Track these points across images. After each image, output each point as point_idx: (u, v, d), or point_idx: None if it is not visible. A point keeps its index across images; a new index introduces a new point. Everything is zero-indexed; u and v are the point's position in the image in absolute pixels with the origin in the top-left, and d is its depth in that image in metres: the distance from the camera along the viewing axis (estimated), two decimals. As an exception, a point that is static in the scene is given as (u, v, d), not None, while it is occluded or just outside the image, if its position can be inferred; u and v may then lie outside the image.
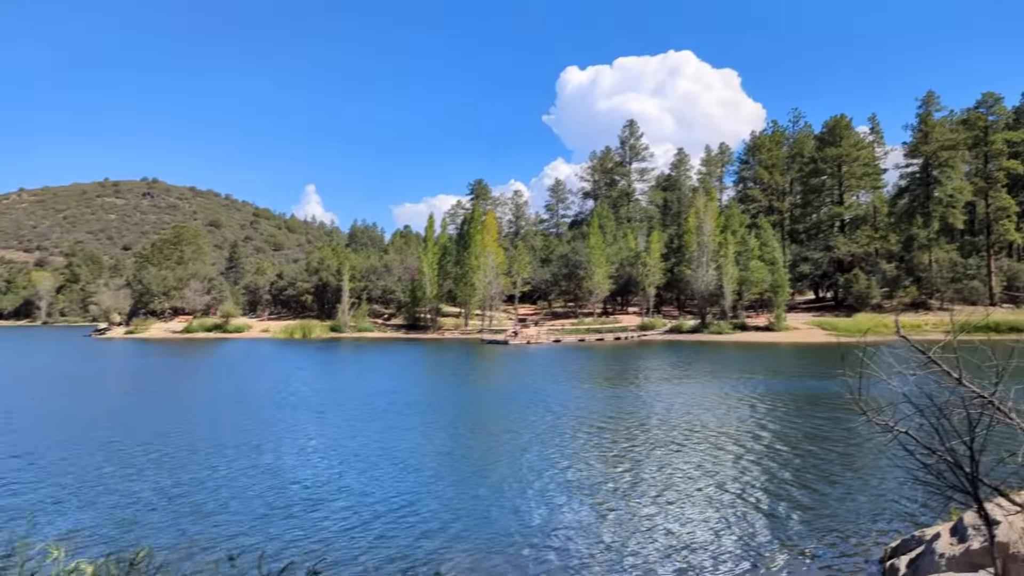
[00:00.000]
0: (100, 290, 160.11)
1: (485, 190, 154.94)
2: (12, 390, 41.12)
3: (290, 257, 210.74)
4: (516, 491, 17.07)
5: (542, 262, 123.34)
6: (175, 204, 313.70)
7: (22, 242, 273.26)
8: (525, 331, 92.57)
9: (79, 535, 12.87)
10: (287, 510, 15.60)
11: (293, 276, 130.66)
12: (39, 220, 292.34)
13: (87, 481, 18.07)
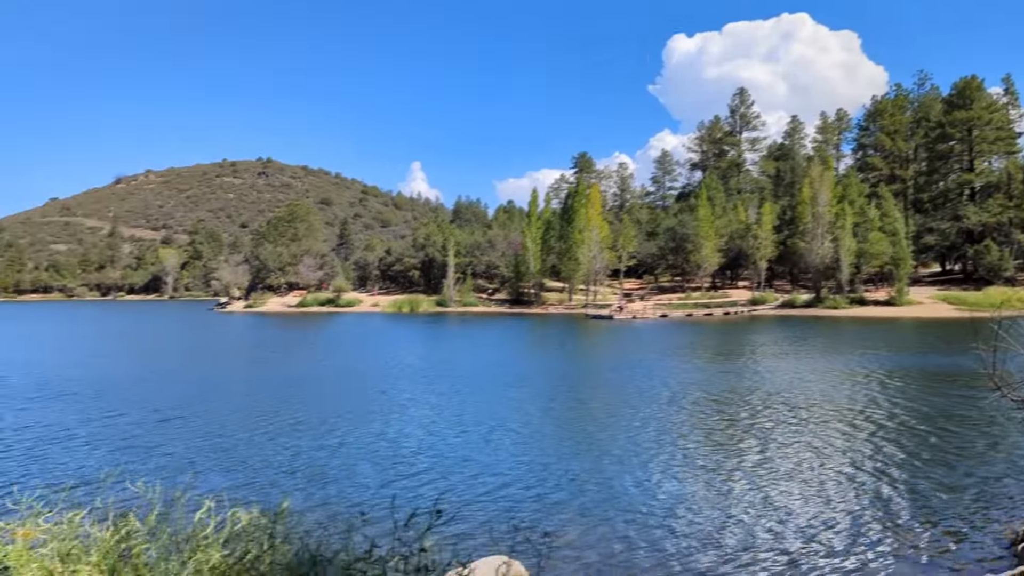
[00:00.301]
0: (220, 266, 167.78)
1: (589, 163, 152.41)
2: (149, 359, 43.16)
3: (397, 233, 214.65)
4: (637, 465, 16.44)
5: (648, 235, 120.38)
6: (288, 183, 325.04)
7: (150, 221, 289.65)
8: (630, 306, 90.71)
9: (223, 493, 12.50)
10: (409, 477, 15.51)
11: (400, 252, 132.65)
12: (165, 200, 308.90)
13: (222, 445, 18.59)
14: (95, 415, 22.73)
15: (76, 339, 60.51)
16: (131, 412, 23.20)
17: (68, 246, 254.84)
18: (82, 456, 17.23)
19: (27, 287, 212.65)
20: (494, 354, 43.51)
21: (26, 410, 23.56)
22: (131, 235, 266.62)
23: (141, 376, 33.41)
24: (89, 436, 19.57)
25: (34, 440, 18.99)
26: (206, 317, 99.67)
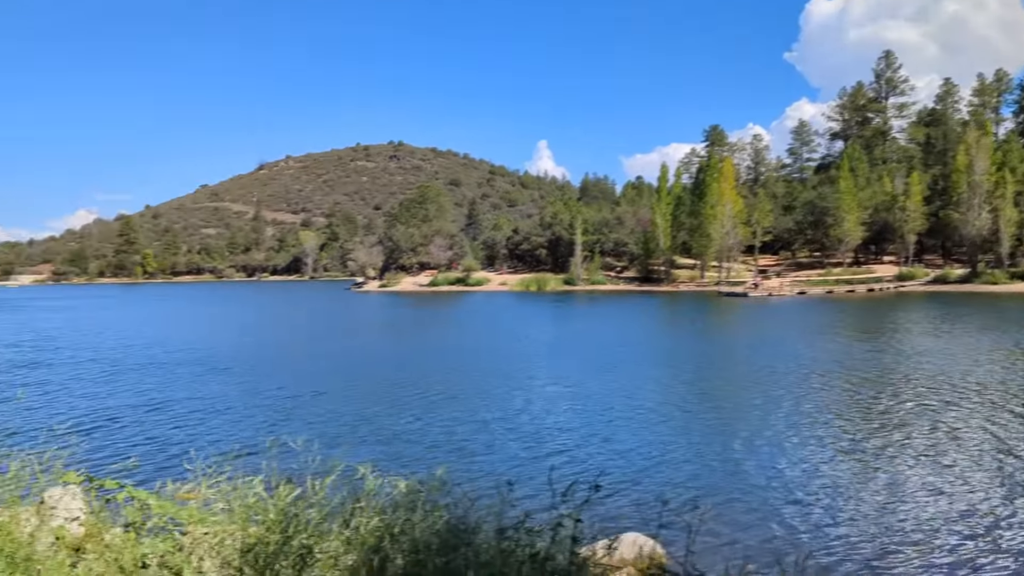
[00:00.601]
0: (356, 247, 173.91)
1: (721, 136, 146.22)
2: (296, 336, 45.12)
3: (524, 212, 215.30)
4: (771, 445, 15.60)
5: (784, 210, 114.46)
6: (419, 165, 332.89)
7: (290, 204, 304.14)
8: (766, 283, 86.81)
9: (374, 464, 12.34)
10: (555, 454, 15.22)
11: (527, 231, 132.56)
12: (304, 184, 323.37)
13: (369, 418, 19.01)
14: (251, 388, 23.89)
15: (229, 318, 63.96)
16: (284, 386, 24.19)
17: (217, 230, 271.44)
18: (241, 426, 18.09)
19: (182, 269, 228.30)
20: (626, 332, 42.78)
21: (191, 384, 24.91)
22: (273, 218, 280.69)
23: (289, 352, 34.95)
24: (246, 408, 20.52)
25: (199, 411, 20.04)
26: (344, 296, 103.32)
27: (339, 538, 3.77)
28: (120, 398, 22.05)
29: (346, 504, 4.14)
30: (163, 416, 19.31)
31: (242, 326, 53.45)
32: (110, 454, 14.60)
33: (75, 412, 19.45)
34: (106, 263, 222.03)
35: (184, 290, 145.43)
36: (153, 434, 17.20)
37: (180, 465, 12.62)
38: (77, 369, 28.37)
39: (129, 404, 20.96)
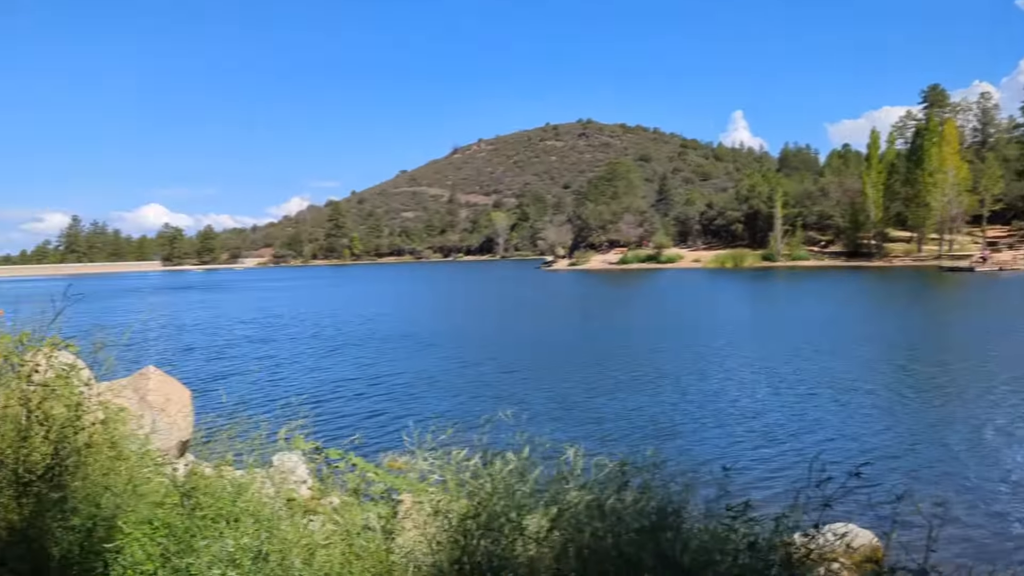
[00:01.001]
0: (546, 226, 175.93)
1: (942, 96, 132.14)
2: (492, 314, 46.48)
3: (718, 186, 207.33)
4: (1007, 440, 13.74)
5: (1017, 175, 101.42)
6: (607, 142, 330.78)
7: (482, 187, 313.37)
8: (996, 256, 77.71)
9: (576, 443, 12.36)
10: (753, 434, 14.54)
11: (722, 205, 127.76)
12: (495, 166, 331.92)
13: (567, 397, 18.93)
14: (455, 364, 24.69)
15: (430, 296, 66.94)
16: (485, 362, 24.80)
17: (415, 213, 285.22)
18: (449, 400, 18.67)
19: (384, 250, 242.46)
20: (835, 311, 39.94)
21: (401, 358, 26.23)
22: (467, 201, 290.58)
23: (487, 329, 35.79)
24: (453, 383, 21.20)
25: (410, 385, 20.97)
26: (534, 275, 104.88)
27: (547, 515, 3.74)
28: (340, 372, 23.54)
29: (552, 481, 4.07)
30: (378, 389, 20.29)
31: (442, 304, 55.78)
32: (333, 426, 15.40)
33: (301, 385, 20.89)
34: (318, 246, 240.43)
35: (387, 270, 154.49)
36: (370, 407, 18.13)
37: (395, 436, 13.08)
38: (302, 344, 30.60)
39: (348, 377, 22.31)
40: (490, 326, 37.56)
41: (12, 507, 3.95)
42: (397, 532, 4.45)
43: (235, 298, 67.86)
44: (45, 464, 3.99)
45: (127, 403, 6.48)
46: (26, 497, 3.92)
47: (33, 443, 4.22)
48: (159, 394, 7.18)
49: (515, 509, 3.69)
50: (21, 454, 4.06)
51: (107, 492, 3.94)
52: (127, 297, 66.99)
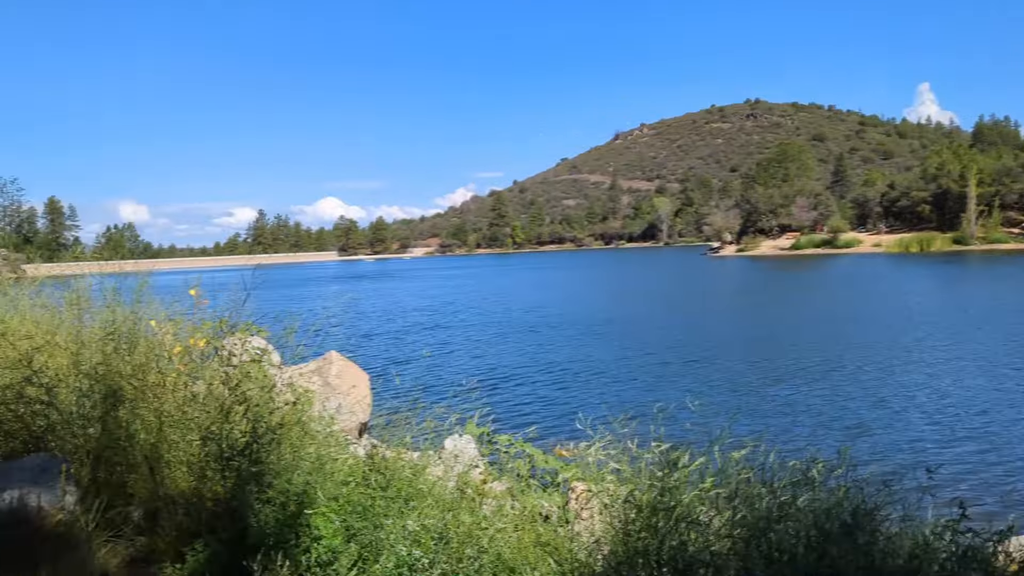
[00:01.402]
0: (711, 212, 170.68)
1: None
2: (659, 302, 45.80)
3: (902, 165, 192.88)
4: None
5: None
6: (778, 122, 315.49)
7: (645, 172, 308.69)
8: None
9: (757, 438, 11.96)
10: (960, 436, 13.40)
11: (906, 185, 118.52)
12: (657, 151, 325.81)
13: (746, 388, 18.37)
14: (623, 352, 24.47)
15: (593, 283, 66.96)
16: (654, 351, 24.38)
17: (576, 201, 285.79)
18: (619, 389, 18.45)
19: (546, 239, 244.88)
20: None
21: (568, 346, 26.34)
22: (629, 187, 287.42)
23: (654, 317, 35.30)
24: (621, 371, 21.03)
25: (579, 372, 20.97)
26: (700, 262, 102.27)
27: (734, 512, 3.59)
28: (510, 358, 24.04)
29: (731, 476, 3.91)
30: (547, 376, 20.46)
31: (608, 292, 55.55)
32: (503, 412, 15.72)
33: (473, 371, 21.50)
34: (482, 235, 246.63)
35: (549, 258, 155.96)
36: (539, 394, 18.33)
37: (564, 424, 13.18)
38: (473, 331, 31.51)
39: (518, 364, 22.71)
40: (658, 314, 36.93)
41: (218, 480, 4.30)
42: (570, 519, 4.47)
43: (407, 286, 70.97)
44: (244, 441, 4.31)
45: (312, 386, 6.92)
46: (228, 471, 4.25)
47: (233, 421, 4.58)
48: (341, 378, 7.60)
49: (700, 503, 3.64)
50: (224, 431, 4.41)
51: (297, 469, 4.20)
52: (308, 286, 71.79)
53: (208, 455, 4.43)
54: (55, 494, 4.15)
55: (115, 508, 4.27)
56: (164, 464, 4.57)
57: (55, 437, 4.89)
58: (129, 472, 4.65)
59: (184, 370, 5.07)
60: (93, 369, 4.89)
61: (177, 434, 4.69)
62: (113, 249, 19.29)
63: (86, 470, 4.47)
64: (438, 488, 4.70)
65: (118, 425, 4.71)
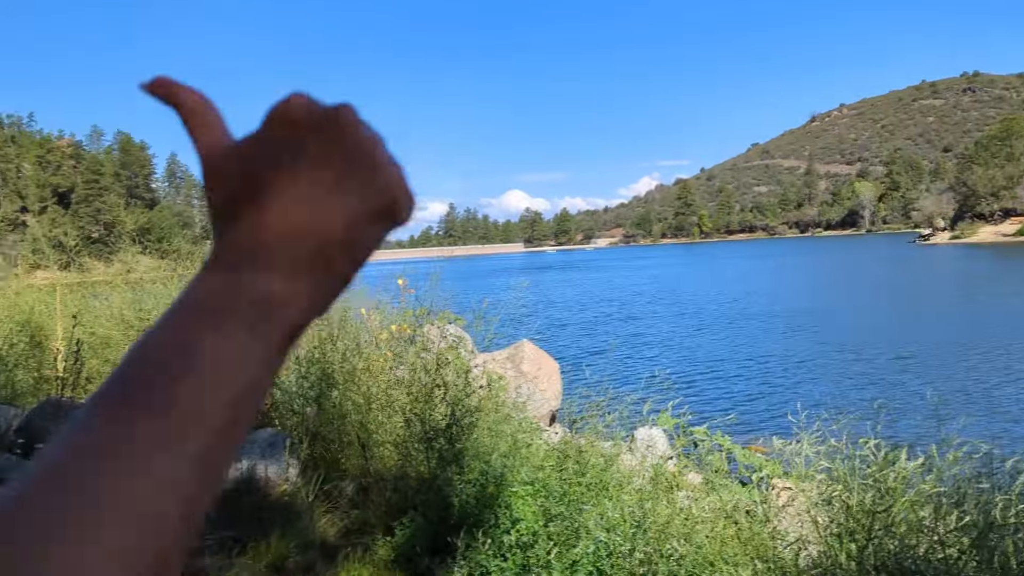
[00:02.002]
0: (921, 196, 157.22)
1: None
2: (867, 292, 42.82)
3: None
4: None
5: None
6: (1001, 96, 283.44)
7: (844, 155, 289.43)
8: None
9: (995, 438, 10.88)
10: None
11: None
12: (859, 132, 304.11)
13: (973, 387, 16.62)
14: (829, 346, 23.13)
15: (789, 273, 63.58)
16: (865, 345, 22.79)
17: (768, 187, 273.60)
18: (824, 385, 17.31)
19: (735, 227, 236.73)
20: None
21: (766, 340, 25.22)
22: (826, 171, 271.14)
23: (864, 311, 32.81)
24: (826, 367, 19.88)
25: (779, 367, 20.03)
26: (909, 251, 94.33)
27: (951, 515, 3.36)
28: (705, 351, 23.20)
29: (958, 479, 3.63)
30: (745, 370, 19.65)
31: (808, 282, 52.45)
32: (696, 404, 15.22)
33: (664, 362, 20.94)
34: (667, 225, 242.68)
35: (740, 248, 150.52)
36: (735, 388, 17.58)
37: (762, 420, 12.65)
38: (664, 322, 30.93)
39: (713, 357, 21.85)
40: (865, 308, 34.26)
41: (421, 459, 4.52)
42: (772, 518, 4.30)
43: (594, 276, 71.11)
44: (445, 423, 4.49)
45: (505, 372, 7.11)
46: (431, 451, 4.45)
47: (434, 403, 4.80)
48: (532, 365, 7.76)
49: (921, 507, 3.46)
50: (426, 413, 4.63)
51: (495, 452, 4.32)
52: (497, 276, 73.91)
53: (411, 435, 4.67)
54: (281, 466, 4.55)
55: (330, 482, 4.60)
56: (373, 443, 4.87)
57: (278, 414, 5.36)
58: (341, 449, 5.00)
59: (390, 355, 5.37)
60: (310, 353, 5.31)
61: (383, 415, 4.98)
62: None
63: (305, 446, 4.85)
64: (633, 477, 4.68)
65: (331, 405, 5.08)
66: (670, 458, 5.34)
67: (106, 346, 6.97)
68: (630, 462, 5.24)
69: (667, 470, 4.87)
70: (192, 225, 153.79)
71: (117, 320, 7.31)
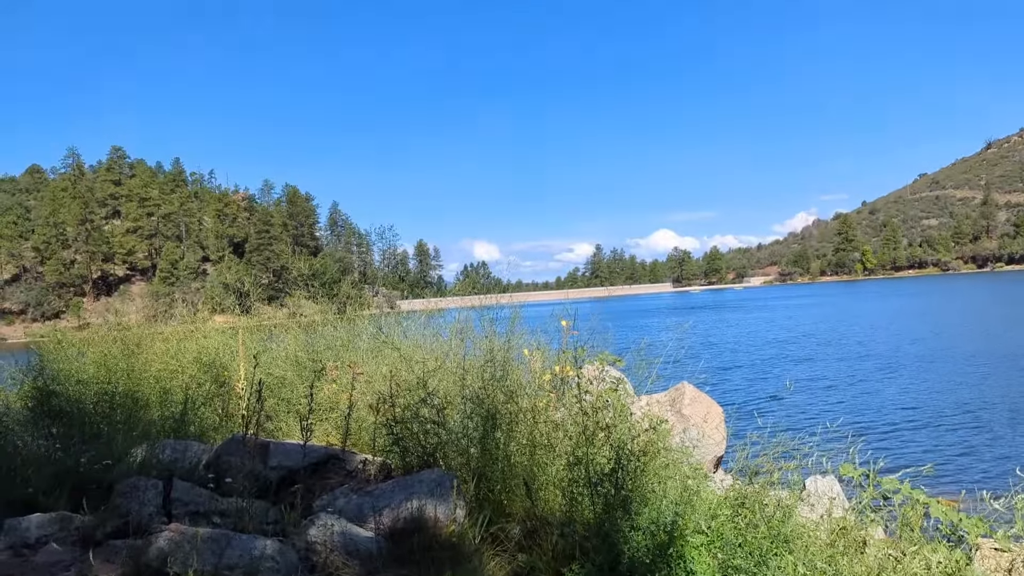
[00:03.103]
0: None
1: None
2: None
3: None
4: None
5: None
6: None
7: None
8: None
9: None
10: None
11: None
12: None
13: None
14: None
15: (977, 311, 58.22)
16: None
17: (939, 220, 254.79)
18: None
19: (903, 263, 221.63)
20: None
21: (963, 384, 23.20)
22: (1006, 201, 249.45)
23: None
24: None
25: (979, 415, 18.26)
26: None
27: None
28: (886, 396, 21.72)
29: None
30: (936, 418, 18.10)
31: (998, 319, 47.41)
32: (879, 453, 14.03)
33: (840, 407, 19.63)
34: (826, 262, 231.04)
35: (910, 284, 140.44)
36: (923, 437, 16.25)
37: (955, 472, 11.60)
38: (838, 365, 29.05)
39: (897, 404, 20.38)
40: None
41: (587, 504, 4.42)
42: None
43: (750, 317, 68.33)
44: (610, 467, 4.38)
45: (665, 416, 6.91)
46: (596, 496, 4.35)
47: (596, 446, 4.70)
48: (694, 408, 7.50)
49: None
50: (588, 455, 4.54)
51: (664, 499, 4.16)
52: (649, 317, 72.61)
53: (576, 479, 4.58)
54: (448, 507, 4.59)
55: (496, 524, 4.59)
56: (538, 485, 4.83)
57: (443, 455, 5.44)
58: (506, 491, 4.99)
59: (553, 396, 5.34)
60: (475, 393, 5.37)
61: (547, 457, 4.93)
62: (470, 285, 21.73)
63: (471, 486, 4.88)
64: (810, 530, 4.38)
65: (496, 446, 5.09)
66: (849, 509, 4.95)
67: (281, 385, 7.38)
68: (807, 513, 4.92)
69: (852, 523, 4.51)
70: (351, 270, 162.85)
71: (292, 361, 7.75)
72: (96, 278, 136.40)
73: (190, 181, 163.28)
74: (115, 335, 8.51)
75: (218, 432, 6.95)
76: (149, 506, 4.66)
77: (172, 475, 4.90)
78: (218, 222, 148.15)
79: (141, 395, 7.13)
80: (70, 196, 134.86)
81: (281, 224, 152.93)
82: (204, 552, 3.67)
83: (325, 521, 4.26)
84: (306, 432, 4.92)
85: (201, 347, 7.90)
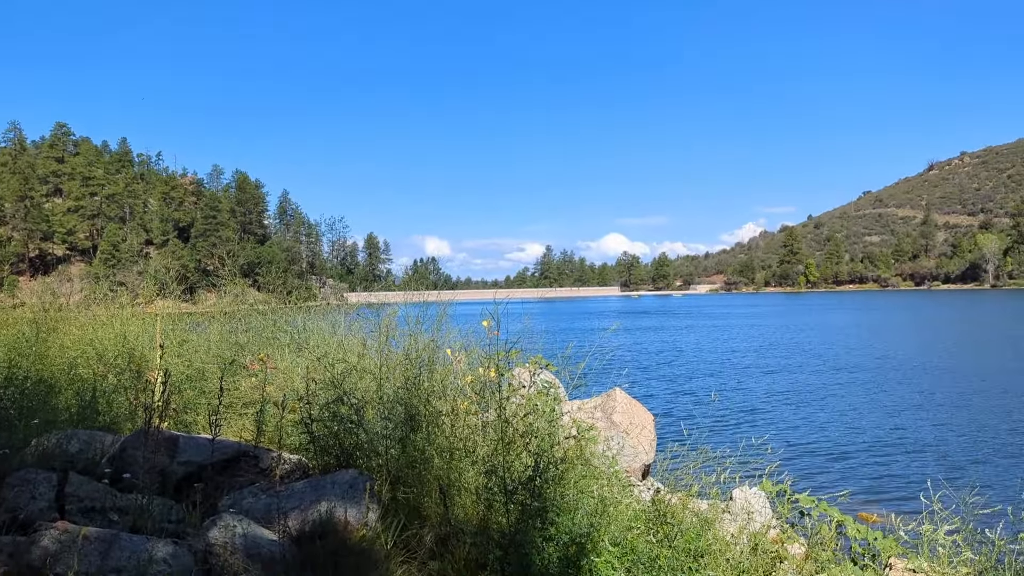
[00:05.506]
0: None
1: None
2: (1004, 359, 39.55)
3: None
4: None
5: None
6: None
7: (965, 205, 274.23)
8: None
9: None
10: None
11: None
12: (981, 182, 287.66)
13: None
14: (966, 414, 21.75)
15: (920, 328, 59.68)
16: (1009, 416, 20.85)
17: (881, 237, 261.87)
18: (954, 459, 15.67)
19: (844, 278, 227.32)
20: None
21: (884, 404, 23.39)
22: (945, 222, 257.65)
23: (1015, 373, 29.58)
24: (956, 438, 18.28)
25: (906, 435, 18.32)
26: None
27: None
28: (810, 412, 21.49)
29: None
30: (859, 436, 17.97)
31: (937, 337, 48.23)
32: (800, 469, 14.01)
33: (769, 421, 19.53)
34: (771, 273, 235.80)
35: (851, 298, 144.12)
36: (843, 451, 16.25)
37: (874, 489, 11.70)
38: (769, 378, 28.91)
39: (820, 420, 20.27)
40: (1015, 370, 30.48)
41: (502, 511, 4.30)
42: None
43: (688, 325, 69.03)
44: (527, 474, 4.27)
45: (595, 422, 6.82)
46: (512, 504, 4.23)
47: (515, 453, 4.59)
48: (624, 416, 7.44)
49: None
50: (506, 462, 4.42)
51: (580, 509, 4.07)
52: (591, 320, 72.90)
53: (492, 486, 4.46)
54: (360, 510, 4.43)
55: (409, 530, 4.45)
56: (454, 490, 4.69)
57: (362, 455, 5.26)
58: (422, 495, 4.85)
59: (475, 399, 5.21)
60: (395, 393, 5.21)
61: (466, 462, 4.81)
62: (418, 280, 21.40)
63: (386, 489, 4.73)
64: (728, 546, 4.32)
65: (414, 448, 4.94)
66: (772, 527, 4.92)
67: (202, 377, 7.12)
68: (729, 526, 4.88)
69: (768, 540, 4.47)
70: (299, 260, 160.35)
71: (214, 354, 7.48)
72: (33, 256, 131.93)
73: (136, 162, 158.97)
74: (30, 316, 8.13)
75: (134, 423, 6.66)
76: (41, 501, 4.39)
77: (69, 468, 4.64)
78: (164, 205, 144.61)
79: (54, 381, 6.80)
80: (9, 171, 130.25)
81: (229, 210, 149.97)
82: (88, 553, 3.45)
83: (228, 522, 4.05)
84: (215, 427, 4.68)
85: (118, 333, 7.57)
